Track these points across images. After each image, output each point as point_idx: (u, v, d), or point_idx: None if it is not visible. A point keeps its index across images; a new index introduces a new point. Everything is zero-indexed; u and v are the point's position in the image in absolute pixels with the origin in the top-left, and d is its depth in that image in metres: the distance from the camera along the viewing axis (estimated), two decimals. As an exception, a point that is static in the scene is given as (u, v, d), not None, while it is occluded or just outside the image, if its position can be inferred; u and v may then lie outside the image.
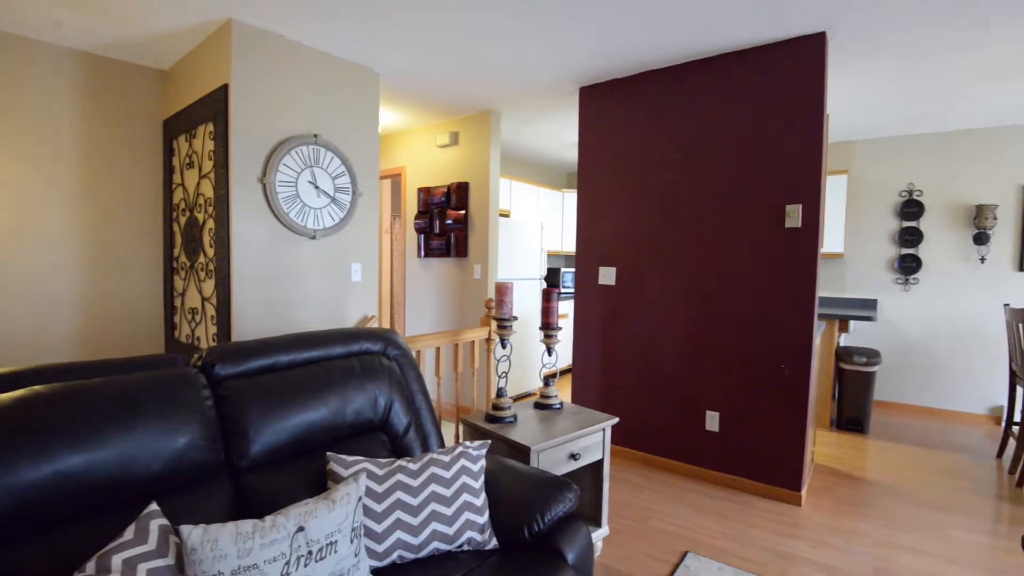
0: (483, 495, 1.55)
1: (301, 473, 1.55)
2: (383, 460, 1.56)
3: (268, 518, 1.20)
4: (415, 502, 1.47)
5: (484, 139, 4.38)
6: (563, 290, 6.25)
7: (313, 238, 3.05)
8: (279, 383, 1.61)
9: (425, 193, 4.76)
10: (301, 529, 1.21)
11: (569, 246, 6.63)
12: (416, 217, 4.83)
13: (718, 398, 3.25)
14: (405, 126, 4.82)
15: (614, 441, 3.66)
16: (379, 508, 1.44)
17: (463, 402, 4.21)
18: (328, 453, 1.53)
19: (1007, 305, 3.68)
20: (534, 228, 5.39)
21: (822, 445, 4.02)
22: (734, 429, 3.20)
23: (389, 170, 5.16)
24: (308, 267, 3.05)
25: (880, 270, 5.01)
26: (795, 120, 2.93)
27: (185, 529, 1.12)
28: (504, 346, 2.14)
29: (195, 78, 3.03)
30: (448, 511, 1.48)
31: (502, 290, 2.04)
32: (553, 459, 2.01)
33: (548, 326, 2.24)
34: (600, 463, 2.29)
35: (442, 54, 3.14)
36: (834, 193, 4.86)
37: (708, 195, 3.25)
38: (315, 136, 3.02)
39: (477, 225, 4.43)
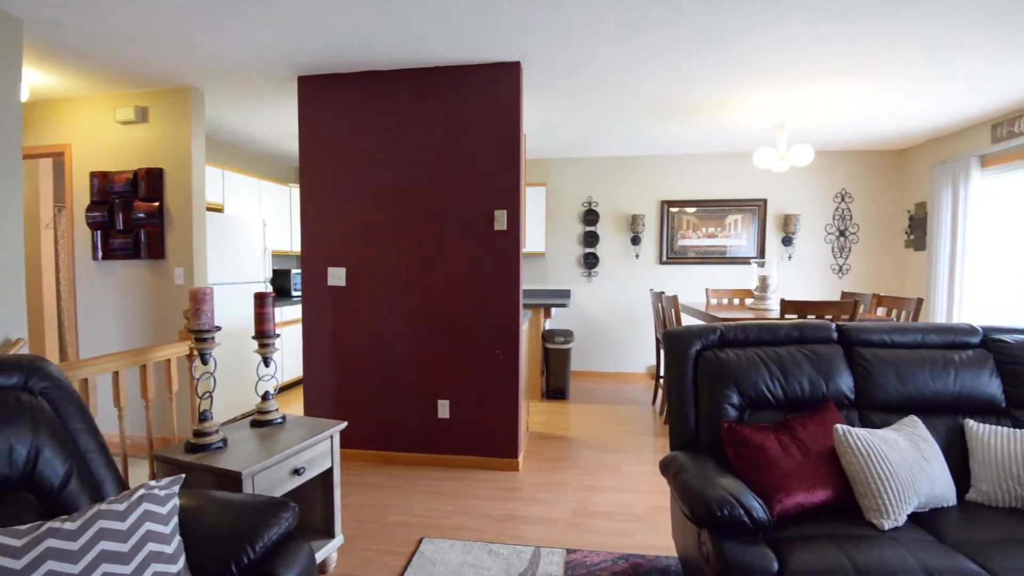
0: (176, 540, 1.33)
1: None
2: (24, 527, 1.20)
3: None
4: (76, 570, 1.18)
5: (183, 119, 3.75)
6: (295, 294, 5.83)
7: (-102, 236, 2.16)
8: None
9: (102, 179, 3.83)
10: None
11: (299, 246, 6.19)
12: (90, 209, 3.85)
13: (448, 386, 3.47)
14: (68, 93, 3.79)
15: (352, 446, 3.58)
16: (16, 591, 1.11)
17: (163, 433, 3.55)
18: (-78, 537, 1.11)
19: (652, 290, 4.89)
20: (255, 225, 4.87)
21: (535, 414, 4.67)
22: (462, 413, 3.47)
23: (45, 147, 3.99)
24: None
25: (572, 265, 6.14)
26: (499, 135, 3.32)
27: None
28: (206, 362, 1.87)
29: None
30: (127, 569, 1.23)
31: (198, 297, 1.78)
32: (273, 479, 1.86)
33: (263, 334, 2.05)
34: (330, 472, 2.21)
35: (112, 9, 2.56)
36: (535, 202, 5.75)
37: (430, 197, 3.43)
38: None
39: (176, 221, 3.77)
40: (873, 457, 1.73)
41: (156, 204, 3.76)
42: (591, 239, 6.03)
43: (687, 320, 5.42)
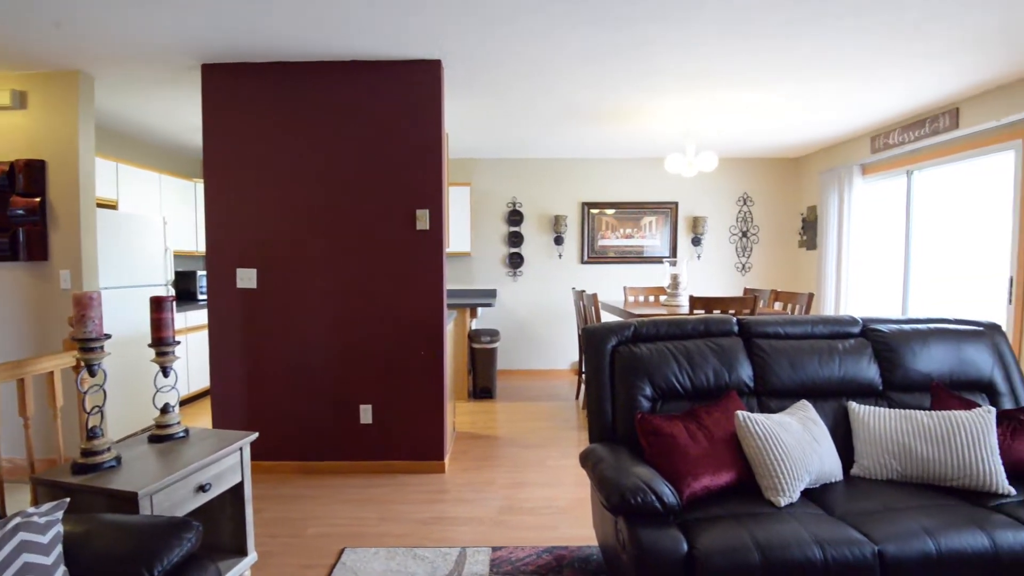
0: (61, 570, 1.21)
1: None
2: None
3: None
4: (-69, 615, 1.04)
5: (70, 107, 3.39)
6: (201, 297, 5.44)
7: None
8: None
9: (-34, 172, 3.39)
10: None
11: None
12: (-49, 205, 3.40)
13: (370, 391, 3.38)
14: (-79, 72, 3.32)
15: (269, 457, 3.39)
16: None
17: (49, 454, 3.20)
18: None
19: (574, 288, 5.04)
20: (154, 223, 4.50)
21: (462, 415, 4.66)
22: (386, 417, 3.39)
23: None
24: None
25: (497, 265, 6.20)
26: (420, 133, 3.28)
27: None
28: (94, 373, 1.70)
29: None
30: (-4, 609, 1.10)
31: (83, 302, 1.61)
32: (175, 498, 1.72)
33: (161, 341, 1.90)
34: (240, 486, 2.09)
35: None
36: (460, 201, 5.75)
37: (348, 195, 3.32)
38: None
39: (62, 218, 3.40)
40: (770, 440, 1.88)
41: (37, 200, 3.37)
42: (516, 239, 6.12)
43: (607, 317, 5.62)
